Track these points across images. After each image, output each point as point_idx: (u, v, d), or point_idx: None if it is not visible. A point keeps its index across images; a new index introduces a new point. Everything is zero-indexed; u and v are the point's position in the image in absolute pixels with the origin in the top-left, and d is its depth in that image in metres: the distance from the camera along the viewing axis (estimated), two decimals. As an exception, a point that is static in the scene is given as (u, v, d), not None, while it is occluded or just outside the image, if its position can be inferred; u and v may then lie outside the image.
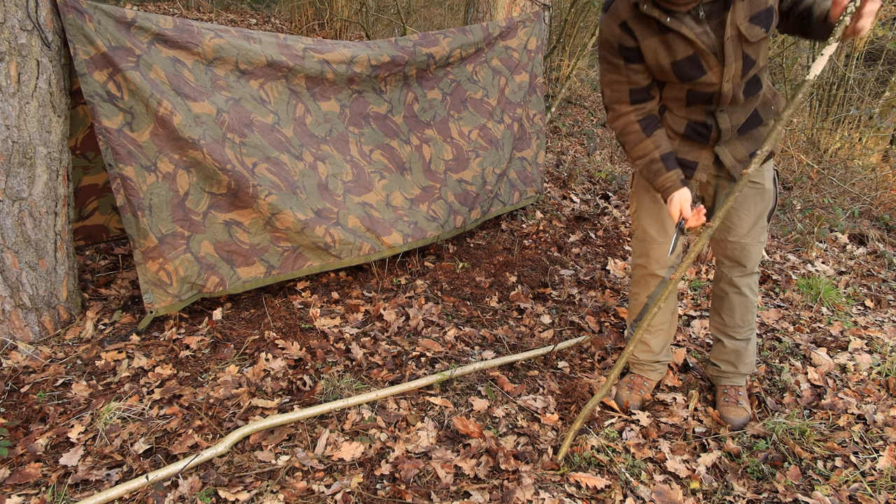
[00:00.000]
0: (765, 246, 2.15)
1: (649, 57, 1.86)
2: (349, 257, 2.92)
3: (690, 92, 1.92)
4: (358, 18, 7.02)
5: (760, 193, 2.09)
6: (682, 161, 2.03)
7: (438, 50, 3.28)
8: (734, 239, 2.13)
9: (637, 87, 1.94)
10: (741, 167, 2.01)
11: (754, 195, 2.08)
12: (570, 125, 6.35)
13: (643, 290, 2.25)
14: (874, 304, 3.47)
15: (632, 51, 1.88)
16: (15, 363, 2.25)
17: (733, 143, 2.01)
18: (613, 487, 1.92)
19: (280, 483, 1.84)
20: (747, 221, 2.10)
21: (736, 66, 1.84)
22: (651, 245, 2.16)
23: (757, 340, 2.32)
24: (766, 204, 2.11)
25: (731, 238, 2.14)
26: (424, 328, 2.75)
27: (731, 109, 1.95)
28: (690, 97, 1.93)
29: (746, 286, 2.21)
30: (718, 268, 2.25)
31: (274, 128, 2.75)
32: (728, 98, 1.89)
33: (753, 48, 1.84)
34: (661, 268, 2.17)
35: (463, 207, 3.41)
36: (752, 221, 2.10)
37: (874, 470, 2.10)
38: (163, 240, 2.44)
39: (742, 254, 2.15)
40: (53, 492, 1.75)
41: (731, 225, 2.12)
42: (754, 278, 2.22)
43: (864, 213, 5.00)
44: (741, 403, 2.30)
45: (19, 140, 2.17)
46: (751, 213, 2.10)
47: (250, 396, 2.21)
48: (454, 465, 1.96)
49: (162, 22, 2.37)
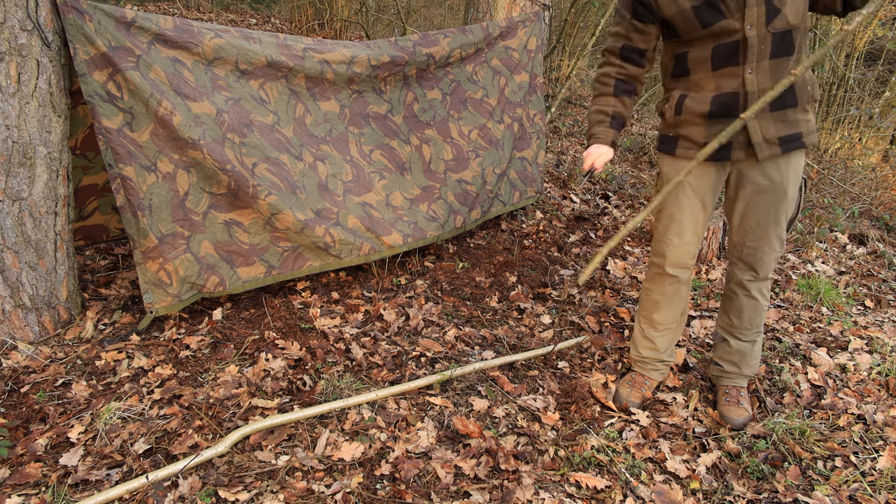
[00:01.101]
0: (781, 255, 2.10)
1: (669, 5, 1.90)
2: (349, 257, 2.92)
3: (715, 50, 1.89)
4: (358, 18, 7.02)
5: (779, 198, 2.02)
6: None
7: (438, 50, 3.28)
8: (750, 244, 2.11)
9: (631, 45, 2.05)
10: (769, 150, 1.94)
11: (772, 200, 2.02)
12: (570, 125, 6.35)
13: (656, 288, 2.27)
14: (874, 304, 3.47)
15: (644, 6, 1.95)
16: (15, 363, 2.25)
17: (765, 119, 1.93)
18: (613, 487, 1.92)
19: (280, 483, 1.84)
20: (763, 227, 2.06)
21: (758, 11, 1.80)
22: (668, 247, 2.18)
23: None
24: (785, 210, 2.05)
25: (747, 242, 2.11)
26: (424, 328, 2.75)
27: (759, 69, 1.87)
28: (716, 57, 1.90)
29: (757, 290, 2.19)
30: (731, 268, 2.24)
31: (274, 128, 2.75)
32: (754, 51, 1.84)
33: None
34: (677, 269, 2.20)
35: (463, 207, 3.41)
36: (767, 227, 2.06)
37: (874, 470, 2.10)
38: (163, 240, 2.44)
39: (755, 259, 2.13)
40: (53, 492, 1.75)
41: (748, 229, 2.09)
42: (766, 284, 2.19)
43: (864, 213, 5.00)
44: (742, 404, 2.30)
45: (19, 140, 2.17)
46: (768, 219, 2.05)
47: (250, 396, 2.21)
48: (454, 465, 1.96)
49: (162, 22, 2.37)
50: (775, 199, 2.02)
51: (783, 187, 2.01)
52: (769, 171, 2.00)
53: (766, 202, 2.03)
